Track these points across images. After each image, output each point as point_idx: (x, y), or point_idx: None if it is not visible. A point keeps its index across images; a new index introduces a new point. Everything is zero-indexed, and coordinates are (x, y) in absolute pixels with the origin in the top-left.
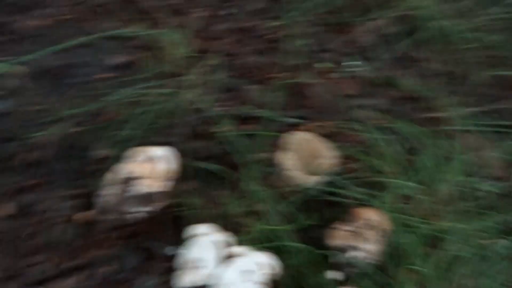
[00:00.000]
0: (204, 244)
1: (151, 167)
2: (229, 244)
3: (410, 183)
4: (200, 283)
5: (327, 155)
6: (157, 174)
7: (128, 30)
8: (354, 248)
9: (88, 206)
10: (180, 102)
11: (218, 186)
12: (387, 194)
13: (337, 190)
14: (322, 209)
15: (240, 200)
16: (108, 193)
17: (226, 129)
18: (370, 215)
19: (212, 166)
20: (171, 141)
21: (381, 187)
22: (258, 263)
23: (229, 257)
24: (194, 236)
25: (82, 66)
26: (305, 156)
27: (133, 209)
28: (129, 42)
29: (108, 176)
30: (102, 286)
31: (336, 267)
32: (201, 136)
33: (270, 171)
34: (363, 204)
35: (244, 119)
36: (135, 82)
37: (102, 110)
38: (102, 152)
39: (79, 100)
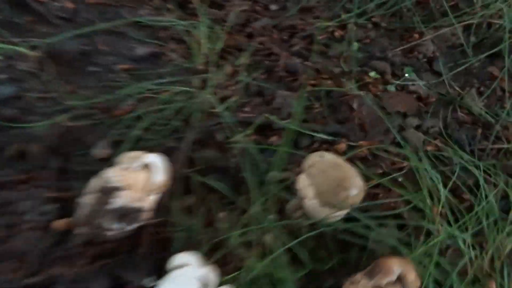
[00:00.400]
0: (185, 280)
1: (140, 176)
2: (218, 285)
3: (462, 235)
4: None
5: (357, 186)
6: (144, 186)
7: (160, 19)
8: None
9: (72, 212)
10: (200, 103)
11: (220, 206)
12: (427, 244)
13: (362, 231)
14: (341, 251)
15: (244, 227)
16: (85, 202)
17: (245, 140)
18: (401, 269)
19: (218, 182)
20: (177, 147)
21: (421, 233)
22: None
23: None
24: (177, 267)
25: (104, 54)
26: (331, 185)
27: (110, 225)
28: (160, 32)
29: (92, 182)
30: None
31: None
32: (213, 144)
33: (286, 198)
34: (394, 253)
35: (268, 131)
36: (157, 76)
37: (114, 104)
38: (103, 151)
39: (92, 90)
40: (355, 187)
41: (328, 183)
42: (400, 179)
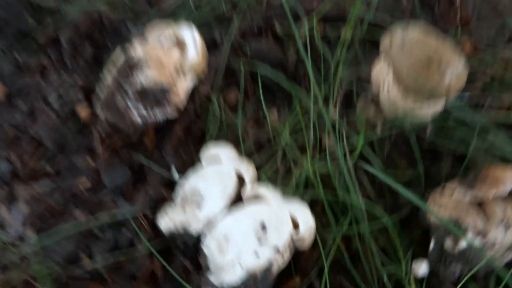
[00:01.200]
0: (220, 175)
1: (170, 54)
2: (251, 181)
3: None
4: (191, 228)
5: (455, 67)
6: (175, 66)
7: None
8: (478, 231)
9: None
10: None
11: (271, 102)
12: None
13: (461, 134)
14: (429, 161)
15: (297, 125)
16: (107, 78)
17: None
18: None
19: (272, 74)
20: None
21: None
22: (284, 218)
23: (248, 199)
24: (210, 160)
25: None
26: (418, 67)
27: (133, 108)
28: None
29: (115, 54)
30: (68, 202)
31: (434, 255)
32: (270, 37)
33: (361, 91)
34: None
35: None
36: None
37: None
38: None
39: None
40: (453, 69)
41: (414, 64)
42: None
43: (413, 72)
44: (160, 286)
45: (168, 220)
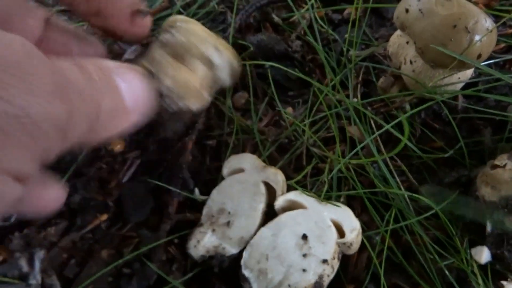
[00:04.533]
0: (240, 186)
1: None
2: (281, 188)
3: None
4: (225, 250)
5: (484, 27)
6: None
7: None
8: None
9: None
10: None
11: (283, 99)
12: None
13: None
14: (467, 134)
15: (316, 119)
16: None
17: (312, 12)
18: None
19: (279, 70)
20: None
21: None
22: (325, 224)
23: (281, 209)
24: (234, 172)
25: None
26: (441, 31)
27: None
28: None
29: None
30: (88, 241)
31: (494, 239)
32: (268, 26)
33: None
34: None
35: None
36: None
37: None
38: None
39: None
40: (482, 27)
41: (437, 28)
42: None
43: (439, 36)
44: None
45: (199, 246)
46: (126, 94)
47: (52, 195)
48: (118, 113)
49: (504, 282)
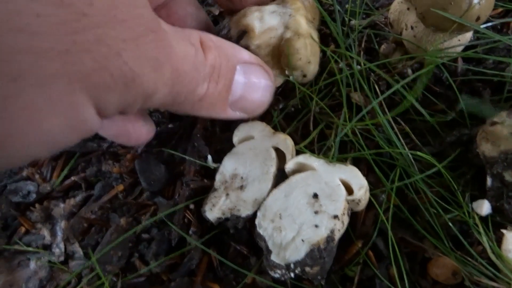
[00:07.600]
0: (251, 151)
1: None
2: (291, 152)
3: None
4: (239, 212)
5: None
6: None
7: None
8: None
9: None
10: None
11: None
12: None
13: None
14: (467, 92)
15: (321, 86)
16: None
17: None
18: None
19: None
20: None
21: None
22: (334, 183)
23: (291, 171)
24: (242, 140)
25: None
26: None
27: None
28: None
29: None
30: (107, 210)
31: (494, 192)
32: None
33: (376, 44)
34: None
35: None
36: None
37: None
38: None
39: None
40: None
41: None
42: None
43: (439, 0)
44: (219, 274)
45: (215, 210)
46: (237, 90)
47: (144, 129)
48: (217, 104)
49: (504, 231)
